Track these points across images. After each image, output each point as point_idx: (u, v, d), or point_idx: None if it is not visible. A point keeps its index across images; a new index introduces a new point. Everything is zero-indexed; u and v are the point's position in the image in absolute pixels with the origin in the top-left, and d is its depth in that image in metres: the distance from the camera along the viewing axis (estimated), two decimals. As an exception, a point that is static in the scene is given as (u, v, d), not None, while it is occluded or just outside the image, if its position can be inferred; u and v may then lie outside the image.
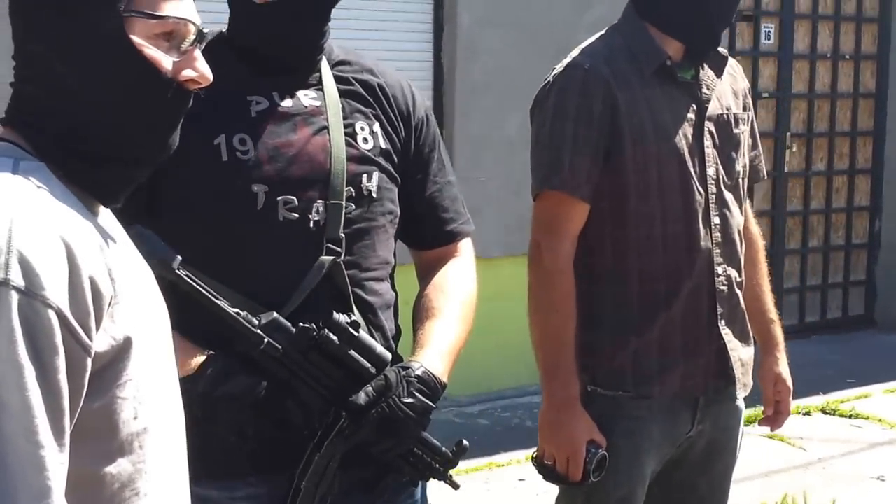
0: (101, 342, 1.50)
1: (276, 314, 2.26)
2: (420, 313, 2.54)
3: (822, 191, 9.39)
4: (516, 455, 6.09)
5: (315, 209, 2.37)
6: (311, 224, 2.37)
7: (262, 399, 2.22)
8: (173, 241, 2.15)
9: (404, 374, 2.33)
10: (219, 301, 2.19)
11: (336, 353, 2.25)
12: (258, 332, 2.21)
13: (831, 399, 7.35)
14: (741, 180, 3.14)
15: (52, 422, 1.43)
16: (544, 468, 3.01)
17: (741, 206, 3.13)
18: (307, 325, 2.24)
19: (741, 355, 3.11)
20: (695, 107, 3.04)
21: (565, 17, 7.16)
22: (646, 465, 3.03)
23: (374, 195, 2.45)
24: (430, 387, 2.35)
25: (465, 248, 2.66)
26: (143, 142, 1.64)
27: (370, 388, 2.28)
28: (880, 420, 7.02)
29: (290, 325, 2.25)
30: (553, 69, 3.06)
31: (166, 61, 1.61)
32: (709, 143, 3.04)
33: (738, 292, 3.10)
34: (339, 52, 2.54)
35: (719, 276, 3.04)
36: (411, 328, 2.53)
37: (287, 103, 2.42)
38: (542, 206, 3.01)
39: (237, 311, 2.20)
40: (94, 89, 1.58)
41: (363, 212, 2.43)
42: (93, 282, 1.49)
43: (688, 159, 2.99)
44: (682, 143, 2.99)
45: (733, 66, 3.21)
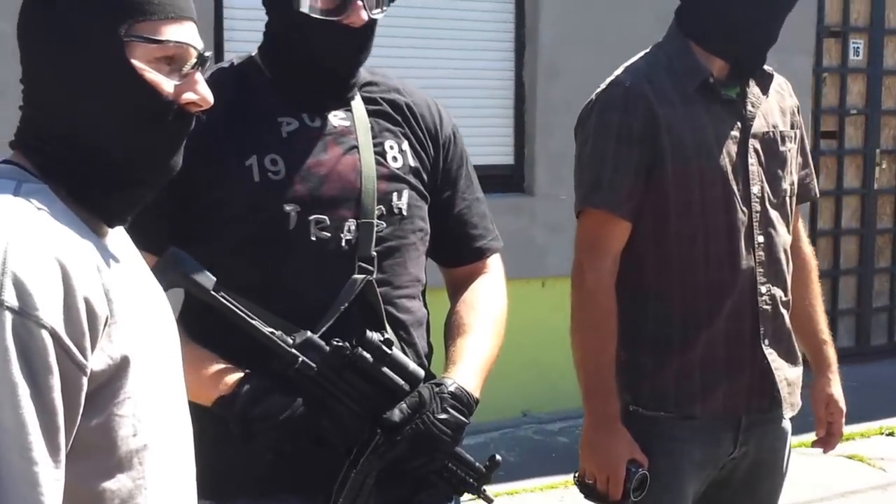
0: (97, 361, 1.53)
1: (309, 333, 2.29)
2: (451, 330, 2.55)
3: (913, 208, 9.26)
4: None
5: (347, 228, 2.41)
6: (343, 243, 2.40)
7: (297, 417, 2.25)
8: (207, 262, 2.20)
9: (437, 390, 2.35)
10: (254, 321, 2.23)
11: (370, 371, 2.28)
12: (293, 351, 2.25)
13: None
14: (788, 199, 3.11)
15: (46, 439, 1.46)
16: (585, 487, 3.02)
17: (788, 224, 3.10)
18: (341, 344, 2.27)
19: (787, 375, 3.07)
20: (739, 124, 3.02)
21: (646, 35, 7.03)
22: (687, 486, 3.01)
23: (405, 213, 2.48)
24: (463, 402, 2.37)
25: (495, 264, 2.68)
26: (145, 164, 1.67)
27: (404, 405, 2.31)
28: (965, 442, 6.89)
29: (323, 343, 2.28)
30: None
31: (167, 84, 1.64)
32: (753, 161, 3.02)
33: (783, 311, 3.07)
34: (366, 73, 2.57)
35: (762, 294, 3.01)
36: (443, 346, 2.54)
37: (317, 124, 2.46)
38: (585, 224, 3.01)
39: (271, 330, 2.24)
40: (95, 113, 1.62)
41: (394, 230, 2.46)
42: (88, 302, 1.51)
43: (731, 177, 2.98)
44: (724, 161, 2.97)
45: (782, 83, 3.19)
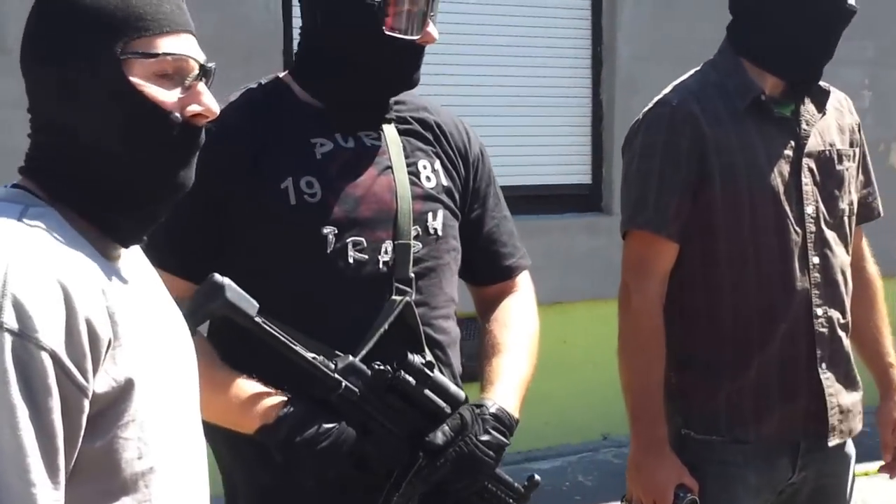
0: (100, 383, 1.53)
1: (351, 357, 2.28)
2: (486, 349, 2.54)
3: None
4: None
5: (384, 249, 2.40)
6: (381, 265, 2.39)
7: (342, 443, 2.24)
8: (244, 285, 2.19)
9: (479, 412, 2.36)
10: (295, 347, 2.22)
11: (412, 394, 2.28)
12: (335, 376, 2.24)
13: None
14: (847, 218, 3.03)
15: (45, 461, 1.46)
16: None
17: (847, 245, 3.02)
18: (383, 368, 2.27)
19: (841, 401, 2.99)
20: (793, 143, 2.95)
21: (726, 49, 7.02)
22: (741, 512, 2.94)
23: (440, 233, 2.47)
24: (504, 424, 2.38)
25: (524, 282, 2.67)
26: (155, 180, 1.66)
27: (447, 428, 2.31)
28: None
29: (365, 367, 2.27)
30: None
31: (169, 98, 1.63)
32: (807, 180, 2.94)
33: (840, 334, 2.99)
34: None
35: (819, 317, 2.94)
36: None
37: (350, 144, 2.45)
38: (630, 245, 2.97)
39: (314, 356, 2.24)
40: (99, 133, 1.61)
41: (430, 250, 2.45)
42: (90, 324, 1.51)
43: (783, 197, 2.91)
44: (776, 181, 2.91)
45: (841, 100, 3.11)
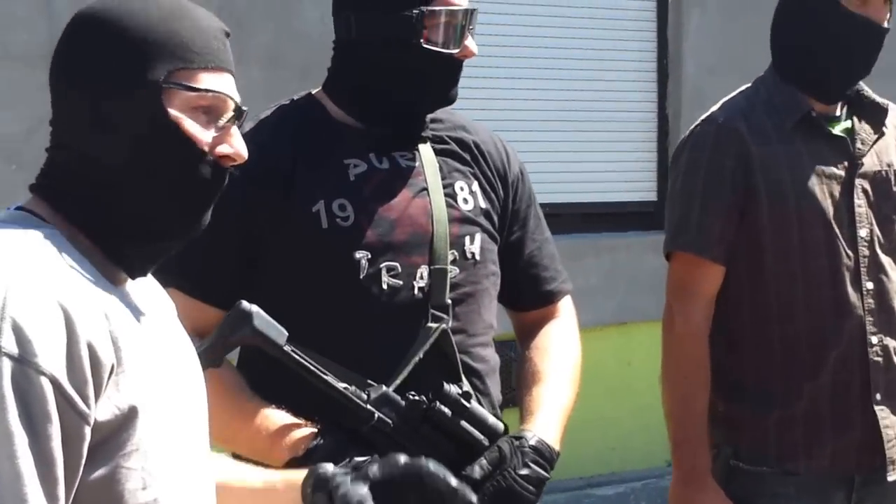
0: (103, 411, 1.49)
1: (384, 387, 2.22)
2: (525, 378, 2.47)
3: None
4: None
5: (419, 275, 2.33)
6: (416, 291, 2.33)
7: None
8: (273, 312, 2.12)
9: (518, 444, 2.30)
10: (326, 376, 2.16)
11: (448, 426, 2.22)
12: (368, 407, 2.18)
13: None
14: None
15: (45, 490, 1.43)
16: None
17: None
18: (417, 398, 2.21)
19: None
20: (846, 163, 2.86)
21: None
22: (792, 544, 2.85)
23: (478, 258, 2.41)
24: (544, 457, 2.31)
25: (566, 307, 2.60)
26: (174, 217, 1.63)
27: (484, 461, 2.25)
28: None
29: (399, 398, 2.21)
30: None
31: (204, 135, 1.60)
32: (861, 201, 2.85)
33: None
34: None
35: (873, 345, 2.83)
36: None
37: (385, 165, 2.38)
38: (673, 267, 2.91)
39: (345, 386, 2.17)
40: (127, 159, 1.58)
41: (467, 275, 2.39)
42: (92, 349, 1.48)
43: (833, 219, 2.82)
44: (826, 201, 2.82)
45: None
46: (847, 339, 2.81)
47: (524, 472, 2.26)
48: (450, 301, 2.35)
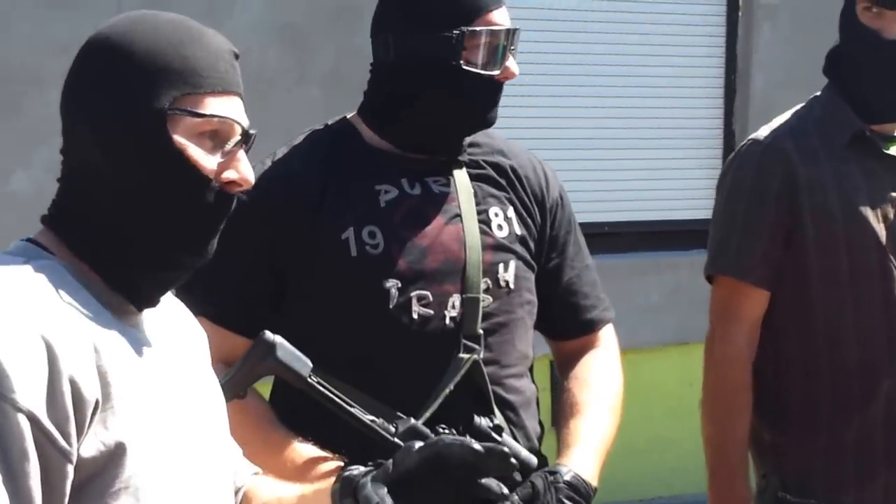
0: (87, 447, 1.46)
1: (413, 420, 2.16)
2: (564, 409, 2.40)
3: None
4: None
5: (451, 304, 2.28)
6: (448, 320, 2.28)
7: None
8: (301, 341, 2.07)
9: (552, 479, 2.23)
10: (353, 409, 2.10)
11: None
12: (395, 440, 2.11)
13: None
14: None
15: None
16: None
17: None
18: (447, 431, 2.13)
19: None
20: None
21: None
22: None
23: (512, 286, 2.34)
24: (579, 493, 2.24)
25: (608, 336, 2.52)
26: (178, 245, 1.60)
27: (516, 497, 2.16)
28: None
29: (428, 431, 2.14)
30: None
31: (209, 162, 1.58)
32: None
33: None
34: None
35: None
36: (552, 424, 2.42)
37: (417, 191, 2.33)
38: (715, 290, 2.83)
39: (372, 418, 2.12)
40: (132, 188, 1.56)
41: (501, 304, 2.32)
42: (74, 384, 1.44)
43: (886, 242, 2.72)
44: (879, 224, 2.73)
45: None
46: None
47: None
48: (482, 331, 2.29)
